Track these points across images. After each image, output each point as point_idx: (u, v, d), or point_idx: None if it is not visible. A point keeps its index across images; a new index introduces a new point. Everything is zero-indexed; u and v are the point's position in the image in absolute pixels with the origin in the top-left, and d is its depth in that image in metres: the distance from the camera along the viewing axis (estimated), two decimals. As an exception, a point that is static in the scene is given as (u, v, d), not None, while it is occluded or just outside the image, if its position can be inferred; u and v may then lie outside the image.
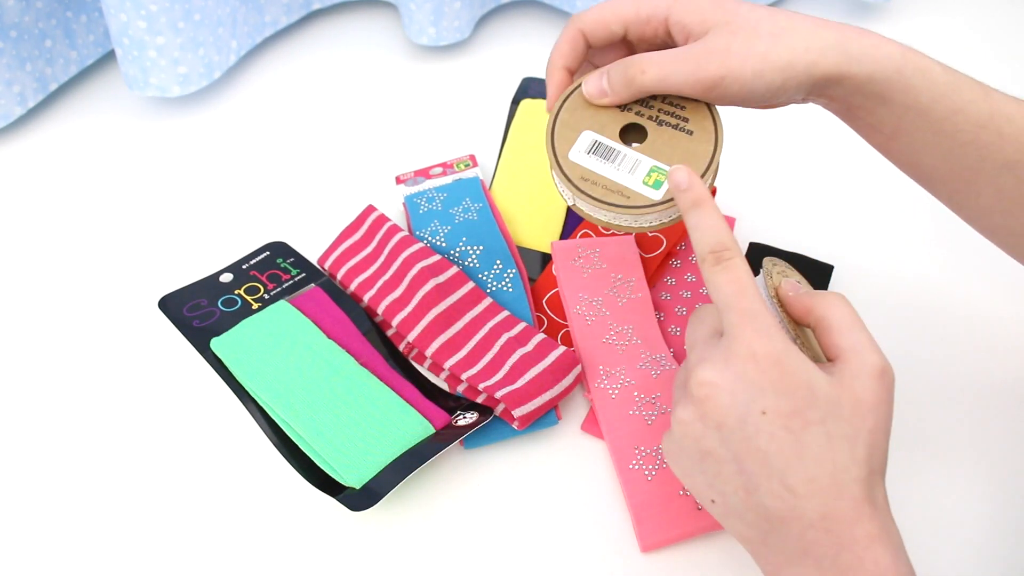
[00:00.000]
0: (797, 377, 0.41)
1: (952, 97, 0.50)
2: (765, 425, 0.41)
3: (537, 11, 0.93)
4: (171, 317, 0.64)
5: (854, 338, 0.44)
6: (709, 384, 0.42)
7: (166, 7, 0.74)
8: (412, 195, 0.71)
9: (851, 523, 0.41)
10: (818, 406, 0.41)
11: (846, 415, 0.42)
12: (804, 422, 0.41)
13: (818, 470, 0.41)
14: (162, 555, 0.55)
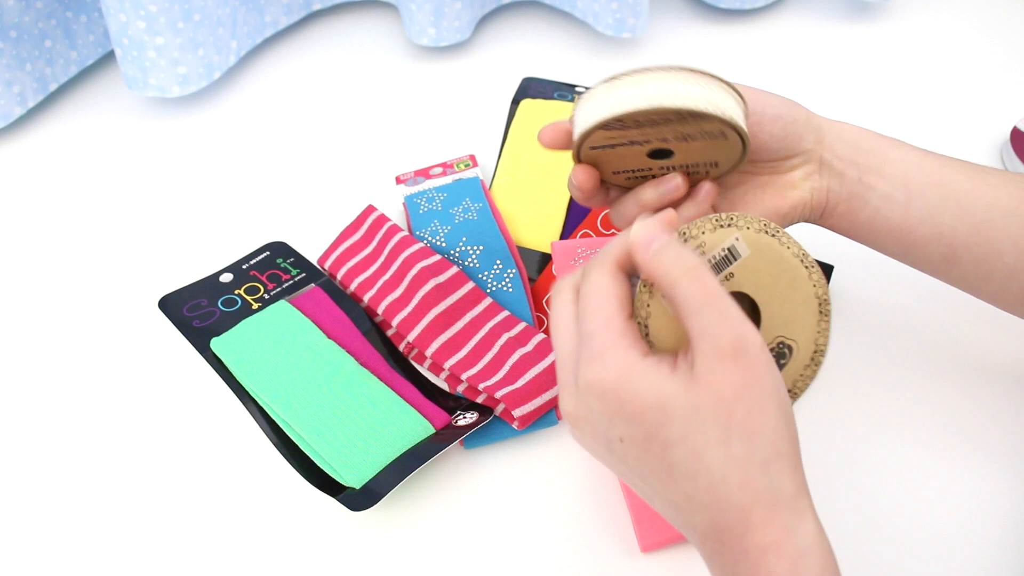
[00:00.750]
0: (642, 400, 0.38)
1: (932, 156, 0.53)
2: (629, 451, 0.40)
3: (537, 11, 0.93)
4: (171, 317, 0.64)
5: (701, 321, 0.39)
6: (568, 415, 0.42)
7: (166, 7, 0.74)
8: (412, 195, 0.71)
9: (740, 535, 0.38)
10: (674, 423, 0.38)
11: (710, 418, 0.38)
12: (662, 444, 0.39)
13: (694, 488, 0.39)
14: (162, 555, 0.54)
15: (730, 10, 0.92)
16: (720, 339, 0.38)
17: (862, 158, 0.53)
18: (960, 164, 0.54)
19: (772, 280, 0.44)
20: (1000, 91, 0.84)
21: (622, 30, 0.84)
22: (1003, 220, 0.52)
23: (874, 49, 0.88)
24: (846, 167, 0.53)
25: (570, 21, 0.92)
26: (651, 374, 0.39)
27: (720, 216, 0.43)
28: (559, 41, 0.90)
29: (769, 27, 0.91)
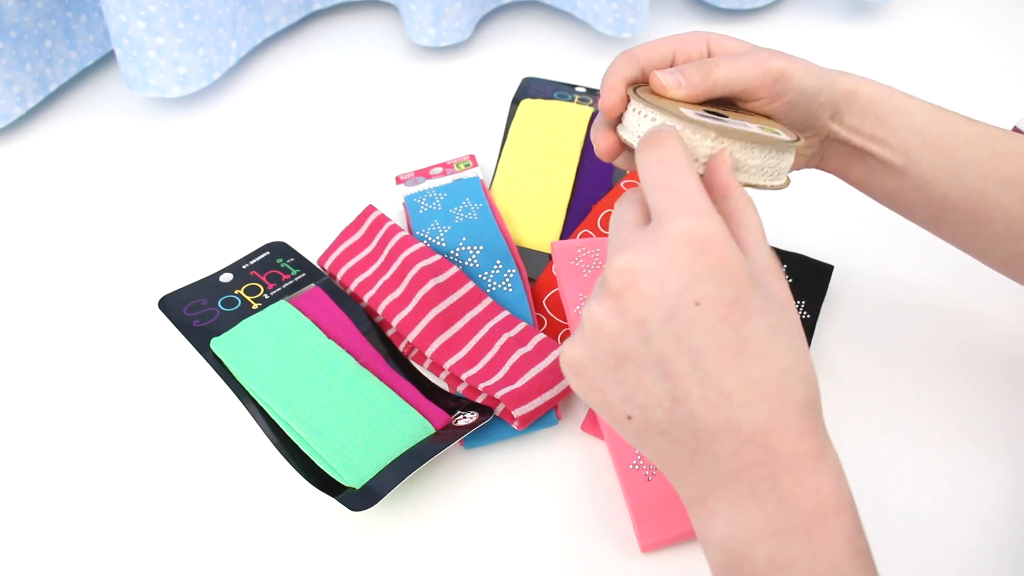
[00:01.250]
0: (738, 261, 0.36)
1: (940, 118, 0.53)
2: (700, 318, 0.35)
3: (537, 11, 0.93)
4: (171, 317, 0.64)
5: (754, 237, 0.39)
6: (630, 271, 0.36)
7: (166, 7, 0.74)
8: (412, 195, 0.71)
9: (795, 438, 0.35)
10: (757, 293, 0.36)
11: (779, 304, 0.37)
12: (745, 312, 0.35)
13: (762, 371, 0.35)
14: (162, 555, 0.54)
15: (730, 10, 0.92)
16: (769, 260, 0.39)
17: (869, 127, 0.53)
18: (966, 129, 0.53)
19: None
20: (1000, 91, 0.84)
21: (622, 30, 0.84)
22: (997, 190, 0.52)
23: (874, 49, 0.88)
24: (852, 136, 0.53)
25: (570, 21, 0.92)
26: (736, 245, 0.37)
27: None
28: (559, 41, 0.90)
29: (769, 27, 0.91)
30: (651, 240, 0.36)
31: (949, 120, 0.53)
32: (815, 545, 0.35)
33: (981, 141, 0.53)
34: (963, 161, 0.52)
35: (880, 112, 0.53)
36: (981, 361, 0.63)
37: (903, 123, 0.53)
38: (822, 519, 0.35)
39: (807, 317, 0.64)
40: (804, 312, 0.64)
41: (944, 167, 0.53)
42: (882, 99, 0.53)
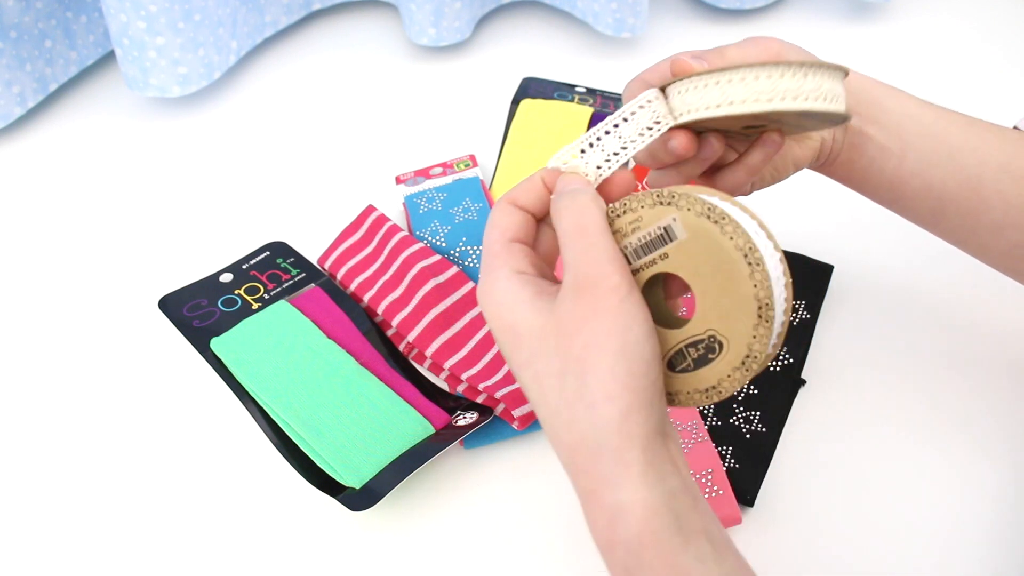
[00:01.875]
0: (502, 320, 0.40)
1: (931, 106, 0.53)
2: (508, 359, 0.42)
3: (537, 11, 0.93)
4: (171, 317, 0.64)
5: (567, 253, 0.40)
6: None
7: (166, 8, 0.74)
8: (412, 195, 0.71)
9: (571, 473, 0.39)
10: (523, 346, 0.39)
11: (552, 347, 0.39)
12: (516, 365, 0.40)
13: (539, 412, 0.40)
14: (162, 554, 0.54)
15: (730, 10, 0.92)
16: (576, 271, 0.39)
17: (863, 108, 0.53)
18: (956, 117, 0.54)
19: (710, 270, 0.40)
20: (1000, 91, 0.84)
21: (622, 30, 0.84)
22: (994, 176, 0.52)
23: (874, 49, 0.88)
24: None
25: (570, 21, 0.92)
26: (512, 293, 0.40)
27: (662, 192, 0.41)
28: (559, 41, 0.90)
29: (769, 27, 0.91)
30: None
31: (939, 108, 0.54)
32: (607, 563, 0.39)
33: (970, 126, 0.53)
34: (957, 145, 0.53)
35: (874, 94, 0.53)
36: (981, 361, 0.63)
37: (895, 106, 0.53)
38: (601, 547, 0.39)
39: (807, 317, 0.64)
40: (804, 312, 0.64)
41: (940, 151, 0.53)
42: (872, 85, 0.53)
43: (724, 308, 0.40)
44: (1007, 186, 0.52)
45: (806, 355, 0.63)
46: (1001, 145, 0.53)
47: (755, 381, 0.60)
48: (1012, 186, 0.52)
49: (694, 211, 0.40)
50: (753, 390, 0.60)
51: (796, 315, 0.64)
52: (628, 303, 0.39)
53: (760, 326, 0.40)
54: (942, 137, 0.53)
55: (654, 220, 0.41)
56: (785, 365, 0.61)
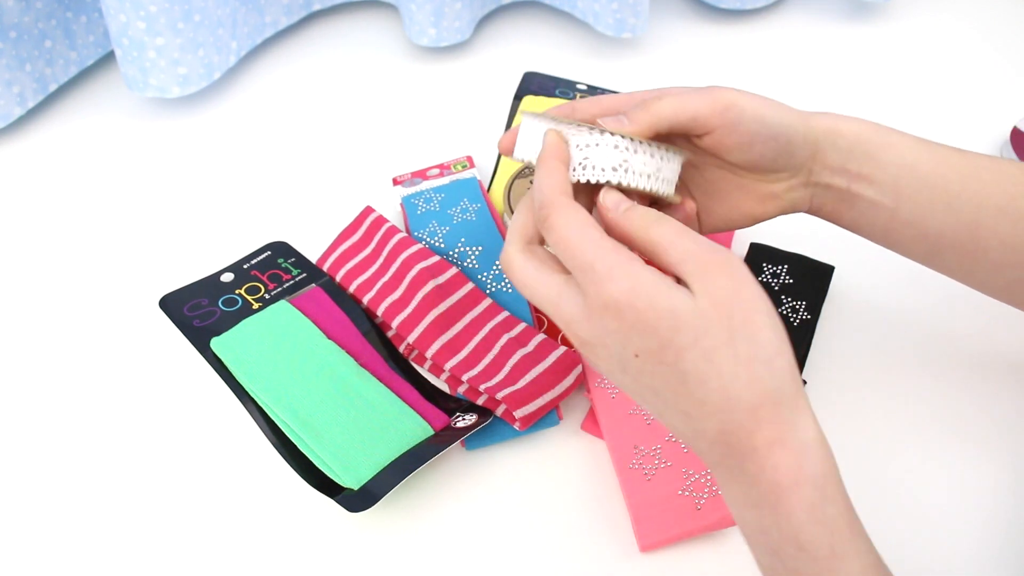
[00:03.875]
0: (655, 309, 0.41)
1: (928, 151, 0.53)
2: (642, 366, 0.42)
3: (537, 12, 0.93)
4: (171, 317, 0.64)
5: (680, 249, 0.42)
6: (584, 343, 0.43)
7: (166, 8, 0.74)
8: (410, 195, 0.71)
9: (749, 433, 0.40)
10: (685, 328, 0.40)
11: (715, 322, 0.40)
12: (676, 352, 0.40)
13: (705, 392, 0.40)
14: (161, 554, 0.55)
15: (730, 10, 0.92)
16: (700, 256, 0.41)
17: (854, 166, 0.52)
18: (956, 161, 0.53)
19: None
20: (1000, 91, 0.84)
21: (622, 30, 0.84)
22: (992, 219, 0.52)
23: (874, 49, 0.88)
24: (835, 177, 0.53)
25: (570, 21, 0.92)
26: (659, 283, 0.41)
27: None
28: (559, 41, 0.90)
29: (769, 27, 0.91)
30: (585, 313, 0.43)
31: (937, 152, 0.53)
32: (780, 515, 0.40)
33: (971, 171, 0.52)
34: (955, 193, 0.52)
35: (868, 149, 0.52)
36: (982, 361, 0.63)
37: (892, 159, 0.52)
38: (780, 494, 0.40)
39: (807, 318, 0.64)
40: (805, 312, 0.64)
41: (937, 200, 0.52)
42: (869, 136, 0.52)
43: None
44: (1005, 228, 0.52)
45: (806, 355, 0.63)
46: (1001, 186, 0.52)
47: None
48: (1010, 228, 0.52)
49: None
50: (753, 390, 0.60)
51: (796, 315, 0.64)
52: (751, 273, 0.42)
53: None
54: (939, 186, 0.52)
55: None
56: (785, 365, 0.61)
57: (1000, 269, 0.53)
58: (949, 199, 0.52)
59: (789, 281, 0.66)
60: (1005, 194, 0.52)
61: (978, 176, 0.52)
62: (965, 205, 0.52)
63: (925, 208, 0.52)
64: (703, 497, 0.54)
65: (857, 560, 0.40)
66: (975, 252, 0.53)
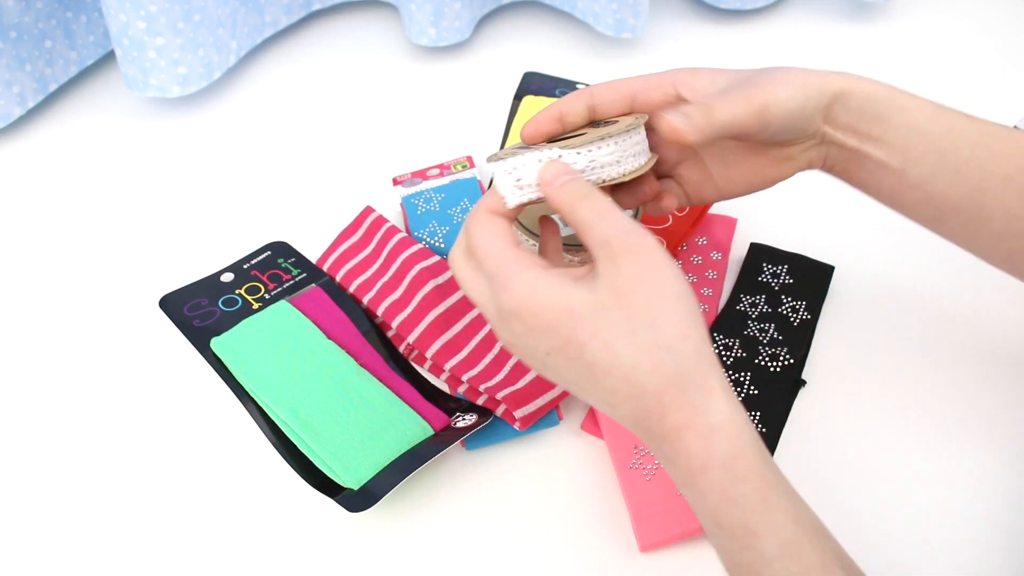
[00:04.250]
0: (552, 311, 0.42)
1: (942, 116, 0.53)
2: (555, 361, 0.43)
3: (537, 11, 0.93)
4: (171, 317, 0.64)
5: (596, 233, 0.43)
6: (507, 343, 0.46)
7: (166, 8, 0.74)
8: (409, 195, 0.71)
9: (659, 419, 0.41)
10: (584, 322, 0.42)
11: (614, 312, 0.42)
12: (579, 346, 0.42)
13: (613, 381, 0.42)
14: (160, 554, 0.55)
15: (730, 10, 0.92)
16: (612, 241, 0.43)
17: (865, 127, 0.53)
18: (967, 127, 0.53)
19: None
20: (1000, 91, 0.84)
21: (622, 30, 0.84)
22: (998, 187, 0.52)
23: (874, 49, 0.88)
24: (847, 137, 0.53)
25: (570, 21, 0.92)
26: (554, 284, 0.43)
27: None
28: (559, 41, 0.90)
29: (769, 27, 0.91)
30: (498, 322, 0.45)
31: (950, 118, 0.53)
32: (697, 495, 0.42)
33: (981, 139, 0.53)
34: (964, 159, 0.52)
35: (879, 110, 0.53)
36: (982, 361, 0.63)
37: (903, 121, 0.52)
38: (694, 476, 0.41)
39: (807, 318, 0.64)
40: (805, 312, 0.64)
41: (945, 166, 0.53)
42: (880, 97, 0.53)
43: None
44: (1011, 198, 0.52)
45: (806, 355, 0.63)
46: (1010, 156, 0.52)
47: (755, 381, 0.60)
48: (1016, 198, 0.52)
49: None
50: (753, 390, 0.60)
51: (796, 315, 0.64)
52: (667, 255, 0.43)
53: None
54: (949, 152, 0.52)
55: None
56: (785, 366, 0.61)
57: (1003, 238, 0.53)
58: (957, 165, 0.52)
59: (789, 281, 0.66)
60: (1013, 164, 0.52)
61: (988, 144, 0.52)
62: (973, 172, 0.52)
63: (932, 172, 0.53)
64: (703, 497, 0.54)
65: (773, 536, 0.40)
66: (979, 219, 0.53)
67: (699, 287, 0.66)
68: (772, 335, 0.63)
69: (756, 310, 0.64)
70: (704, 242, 0.69)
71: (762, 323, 0.64)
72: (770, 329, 0.63)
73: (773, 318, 0.64)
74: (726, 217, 0.71)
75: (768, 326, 0.63)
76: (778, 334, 0.63)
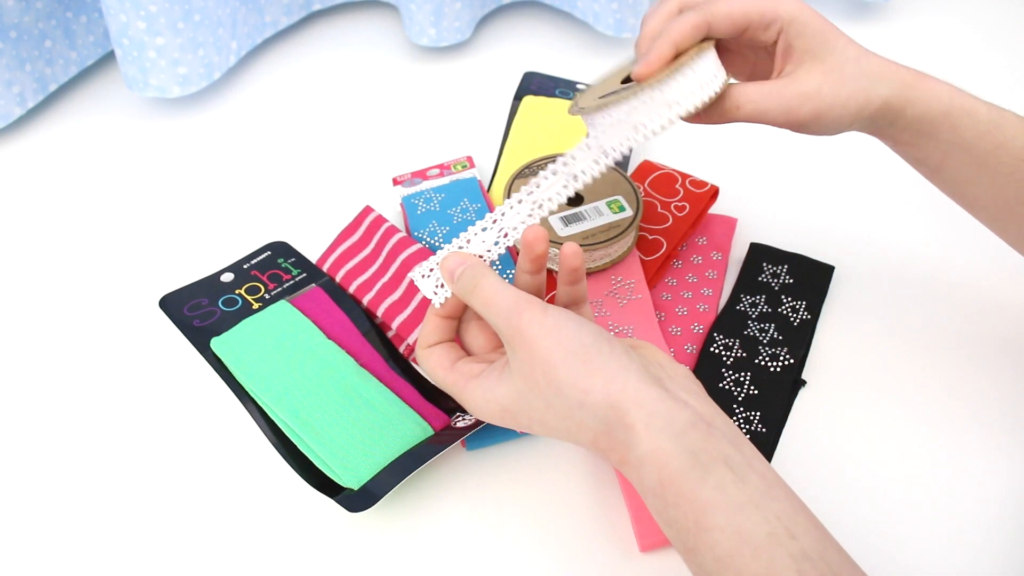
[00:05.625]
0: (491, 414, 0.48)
1: (995, 134, 0.53)
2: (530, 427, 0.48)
3: (537, 11, 0.93)
4: (171, 317, 0.64)
5: (492, 323, 0.47)
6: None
7: (166, 8, 0.74)
8: (410, 195, 0.71)
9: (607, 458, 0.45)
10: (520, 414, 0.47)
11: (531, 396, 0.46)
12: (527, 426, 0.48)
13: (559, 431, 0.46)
14: (160, 554, 0.55)
15: (730, 10, 0.92)
16: (502, 331, 0.46)
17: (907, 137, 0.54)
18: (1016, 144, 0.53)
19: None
20: (1000, 91, 0.84)
21: (622, 30, 0.84)
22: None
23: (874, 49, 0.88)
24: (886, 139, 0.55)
25: (570, 21, 0.92)
26: (487, 391, 0.48)
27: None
28: (559, 41, 0.90)
29: (769, 27, 0.91)
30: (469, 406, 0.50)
31: (1006, 134, 0.53)
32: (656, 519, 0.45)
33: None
34: (1004, 174, 0.53)
35: (926, 128, 0.53)
36: (982, 361, 0.63)
37: (949, 138, 0.53)
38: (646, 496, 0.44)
39: (807, 318, 0.64)
40: (805, 312, 0.64)
41: (982, 177, 0.53)
42: (935, 115, 0.53)
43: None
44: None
45: (806, 355, 0.63)
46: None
47: (755, 381, 0.60)
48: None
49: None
50: (753, 390, 0.60)
51: (796, 315, 0.64)
52: (547, 318, 0.45)
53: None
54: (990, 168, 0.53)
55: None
56: (785, 365, 0.61)
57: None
58: (995, 179, 0.53)
59: (789, 281, 0.66)
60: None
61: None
62: (1010, 185, 0.53)
63: (969, 179, 0.54)
64: (703, 497, 0.54)
65: (708, 552, 0.42)
66: (1009, 219, 0.54)
67: (699, 287, 0.66)
68: (772, 335, 0.63)
69: (756, 310, 0.64)
70: (704, 242, 0.69)
71: (762, 323, 0.64)
72: (770, 329, 0.63)
73: (773, 318, 0.64)
74: (726, 217, 0.71)
75: (768, 326, 0.63)
76: (778, 334, 0.63)
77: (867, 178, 0.76)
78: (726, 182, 0.73)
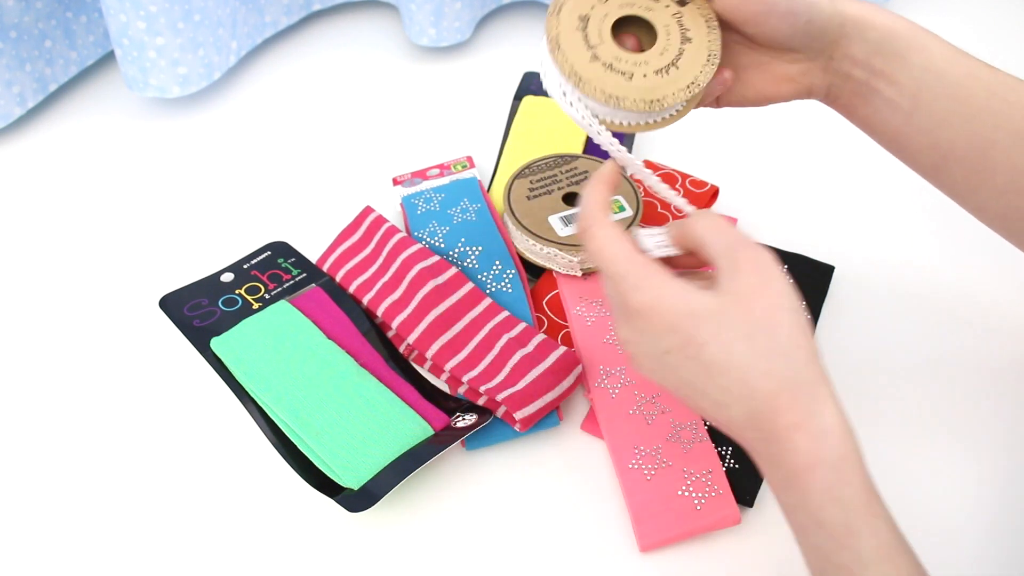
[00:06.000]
0: (677, 313, 0.44)
1: (961, 61, 0.52)
2: (673, 360, 0.45)
3: (537, 11, 0.93)
4: (171, 317, 0.64)
5: (719, 245, 0.45)
6: (625, 342, 0.48)
7: (166, 8, 0.74)
8: (410, 195, 0.71)
9: (770, 419, 0.43)
10: (705, 324, 0.44)
11: (735, 317, 0.43)
12: (698, 345, 0.44)
13: (728, 380, 0.43)
14: (160, 554, 0.55)
15: (730, 10, 0.92)
16: (735, 253, 0.45)
17: (879, 62, 0.52)
18: (986, 76, 0.52)
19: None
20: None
21: (622, 30, 0.84)
22: (1008, 140, 0.51)
23: (874, 49, 0.88)
24: (856, 69, 0.52)
25: (570, 21, 0.92)
26: (680, 289, 0.45)
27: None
28: (559, 41, 0.90)
29: (769, 27, 0.91)
30: (622, 318, 0.47)
31: (969, 64, 0.52)
32: (801, 495, 0.42)
33: (999, 89, 0.51)
34: (978, 108, 0.51)
35: (898, 47, 0.51)
36: (982, 361, 0.63)
37: (921, 61, 0.51)
38: (799, 475, 0.42)
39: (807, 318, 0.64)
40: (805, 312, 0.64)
41: (956, 112, 0.51)
42: (902, 33, 0.51)
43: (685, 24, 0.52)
44: (1019, 154, 0.51)
45: (806, 355, 0.62)
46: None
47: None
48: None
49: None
50: (753, 390, 0.60)
51: (796, 315, 0.64)
52: (784, 273, 0.45)
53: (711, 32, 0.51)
54: (963, 99, 0.51)
55: None
56: (785, 365, 0.61)
57: (1004, 194, 0.52)
58: (969, 113, 0.51)
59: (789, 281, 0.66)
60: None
61: (1005, 96, 0.51)
62: (984, 122, 0.51)
63: (942, 118, 0.52)
64: (703, 497, 0.54)
65: (873, 538, 0.41)
66: (983, 171, 0.52)
67: (699, 287, 0.66)
68: (772, 335, 0.63)
69: (756, 310, 0.64)
70: (704, 242, 0.69)
71: (762, 323, 0.63)
72: (770, 329, 0.63)
73: (773, 318, 0.64)
74: (726, 216, 0.71)
75: (768, 326, 0.63)
76: (778, 334, 0.63)
77: (867, 179, 0.76)
78: (726, 182, 0.73)
